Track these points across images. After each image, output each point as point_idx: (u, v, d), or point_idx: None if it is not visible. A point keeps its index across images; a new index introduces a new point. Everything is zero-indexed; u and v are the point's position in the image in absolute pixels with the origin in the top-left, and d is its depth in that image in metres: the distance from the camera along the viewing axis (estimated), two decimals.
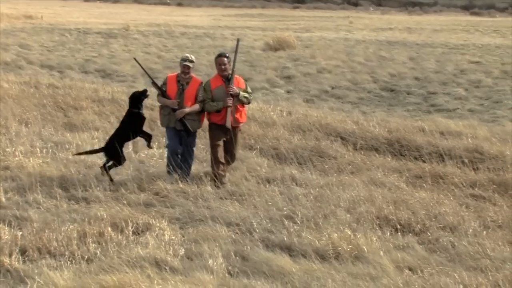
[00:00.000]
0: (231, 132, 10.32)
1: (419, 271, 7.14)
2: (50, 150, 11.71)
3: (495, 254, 7.57)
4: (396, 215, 8.61)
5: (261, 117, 14.28)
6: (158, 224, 8.33)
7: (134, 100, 10.49)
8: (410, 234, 8.27)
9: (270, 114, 14.65)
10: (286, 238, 7.93)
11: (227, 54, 10.46)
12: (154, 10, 74.68)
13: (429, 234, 8.26)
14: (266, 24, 53.12)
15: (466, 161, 11.34)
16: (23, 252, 7.50)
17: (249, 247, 7.71)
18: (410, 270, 7.19)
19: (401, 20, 62.43)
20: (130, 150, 11.80)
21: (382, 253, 7.50)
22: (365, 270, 7.10)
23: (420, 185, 10.26)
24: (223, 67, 10.31)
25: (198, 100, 10.35)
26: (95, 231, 7.97)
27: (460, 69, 25.66)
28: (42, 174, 10.28)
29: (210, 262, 7.21)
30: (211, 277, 6.82)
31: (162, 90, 10.44)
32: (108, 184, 9.98)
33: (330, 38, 39.54)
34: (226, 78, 10.32)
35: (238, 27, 48.67)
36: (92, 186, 9.79)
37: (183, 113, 10.30)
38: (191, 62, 10.44)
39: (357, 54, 30.17)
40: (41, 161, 10.98)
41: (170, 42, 36.01)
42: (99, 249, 7.61)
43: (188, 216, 8.82)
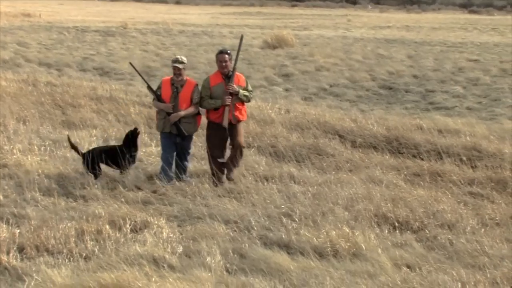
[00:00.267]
0: (230, 130, 10.10)
1: (417, 269, 7.14)
2: (48, 148, 11.70)
3: (493, 251, 7.58)
4: (394, 213, 8.61)
5: (259, 115, 14.27)
6: (156, 221, 8.33)
7: (128, 141, 10.46)
8: (408, 232, 8.27)
9: (268, 112, 14.65)
10: (284, 236, 7.93)
11: (229, 51, 10.20)
12: (152, 8, 74.64)
13: (427, 231, 8.26)
14: (265, 22, 53.10)
15: (464, 159, 11.35)
16: (21, 249, 7.51)
17: (247, 245, 7.71)
18: (408, 267, 7.19)
19: (399, 18, 62.43)
20: None
21: (380, 250, 7.50)
22: (363, 267, 7.10)
23: (418, 183, 10.27)
24: (224, 64, 10.07)
25: (194, 102, 10.14)
26: (93, 229, 7.97)
27: (458, 67, 25.66)
28: (40, 172, 10.27)
29: (208, 259, 7.21)
30: (209, 274, 6.82)
31: (156, 94, 10.21)
32: (106, 182, 9.96)
33: (328, 36, 39.53)
34: (226, 76, 10.10)
35: (236, 25, 48.64)
36: (90, 183, 9.80)
37: (178, 116, 10.08)
38: (181, 63, 10.16)
39: (355, 52, 30.16)
40: (39, 159, 10.98)
41: (168, 40, 35.98)
42: (97, 246, 7.61)
43: (186, 213, 8.81)
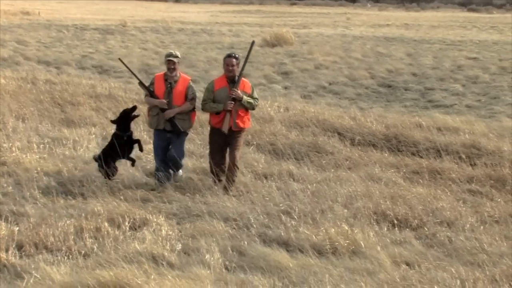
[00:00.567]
0: (230, 138, 9.81)
1: (416, 266, 7.14)
2: (47, 146, 11.70)
3: (492, 249, 7.58)
4: (393, 210, 8.61)
5: (258, 113, 14.26)
6: (155, 219, 8.33)
7: (123, 121, 10.18)
8: (407, 229, 8.27)
9: (267, 110, 14.64)
10: (283, 233, 7.92)
11: (237, 55, 9.91)
12: (151, 7, 74.62)
13: (426, 229, 8.27)
14: (264, 20, 53.09)
15: (464, 156, 11.35)
16: (20, 247, 7.50)
17: (246, 242, 7.70)
18: (407, 265, 7.19)
19: (398, 16, 62.42)
20: None
21: (379, 248, 7.50)
22: (362, 265, 7.10)
23: (417, 180, 10.27)
24: (231, 68, 9.78)
25: (189, 98, 9.96)
26: (92, 227, 7.97)
27: (457, 65, 25.66)
28: (39, 169, 10.27)
29: (207, 257, 7.20)
30: (208, 272, 6.82)
31: (149, 90, 10.00)
32: (105, 180, 9.96)
33: (328, 34, 39.52)
34: (232, 80, 9.81)
35: (236, 23, 48.63)
36: (89, 181, 9.79)
37: (173, 112, 9.89)
38: (176, 57, 9.94)
39: (354, 50, 30.16)
40: (38, 156, 10.98)
41: (168, 38, 35.96)
42: (96, 244, 7.61)
43: (185, 211, 8.81)
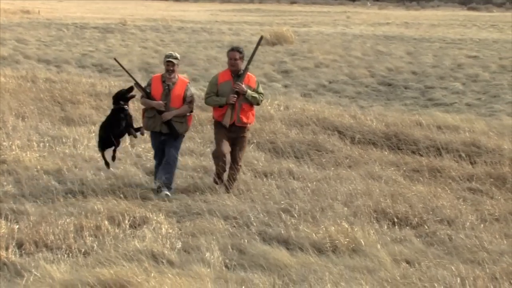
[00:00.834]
0: (234, 133, 9.61)
1: (416, 264, 7.13)
2: (47, 144, 11.70)
3: (492, 247, 7.57)
4: (393, 209, 8.61)
5: (258, 111, 14.19)
6: (155, 217, 8.33)
7: (118, 98, 10.05)
8: (407, 227, 8.27)
9: (267, 108, 14.63)
10: (283, 232, 7.93)
11: (241, 49, 9.69)
12: (151, 5, 74.54)
13: (426, 227, 8.27)
14: (264, 19, 53.05)
15: (463, 155, 11.35)
16: (20, 245, 7.50)
17: (246, 241, 7.70)
18: (407, 263, 7.19)
19: (398, 15, 62.39)
20: (127, 144, 11.80)
21: (379, 246, 7.50)
22: (362, 263, 7.10)
23: (417, 178, 10.26)
24: (233, 62, 9.59)
25: (187, 100, 9.69)
26: (92, 225, 7.97)
27: (457, 63, 25.64)
28: (38, 168, 10.27)
29: (207, 255, 7.20)
30: (208, 270, 6.82)
31: (146, 92, 9.72)
32: (105, 179, 9.95)
33: (328, 32, 39.50)
34: (236, 74, 9.63)
35: (236, 22, 48.60)
36: (88, 179, 9.79)
37: (171, 115, 9.58)
38: (176, 59, 9.68)
39: (354, 48, 30.14)
40: (38, 155, 10.98)
41: (168, 37, 35.95)
42: (96, 242, 7.61)
43: (185, 209, 8.81)
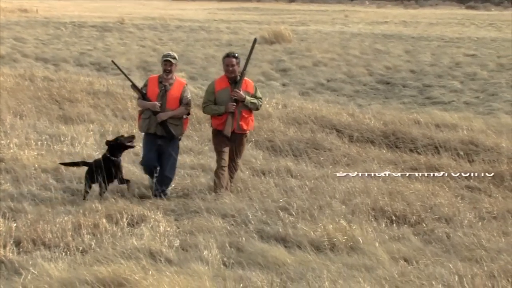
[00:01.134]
0: (234, 141, 9.39)
1: (414, 262, 7.13)
2: (45, 143, 11.68)
3: (490, 245, 7.57)
4: (391, 207, 8.61)
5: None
6: (153, 215, 8.33)
7: (116, 147, 9.29)
8: (405, 225, 8.27)
9: (265, 107, 14.61)
10: (281, 230, 7.91)
11: (236, 54, 9.39)
12: (149, 4, 74.48)
13: (424, 225, 8.27)
14: (262, 17, 53.05)
15: (462, 153, 11.36)
16: (18, 243, 7.49)
17: (244, 239, 7.69)
18: (405, 261, 7.18)
19: (396, 13, 62.39)
20: None
21: (377, 244, 7.49)
22: (360, 261, 7.09)
23: (415, 177, 10.26)
24: (231, 69, 9.28)
25: (184, 102, 9.44)
26: (90, 223, 7.96)
27: (455, 62, 25.66)
28: (36, 166, 10.26)
29: (205, 253, 7.19)
30: (206, 268, 6.81)
31: (142, 93, 9.47)
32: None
33: (326, 31, 39.50)
34: (233, 81, 9.32)
35: (234, 21, 48.58)
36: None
37: (166, 115, 9.34)
38: (174, 58, 9.42)
39: (352, 47, 30.15)
40: (36, 153, 10.96)
41: (165, 36, 35.94)
42: (94, 240, 7.60)
43: (183, 207, 8.81)
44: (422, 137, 12.26)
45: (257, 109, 9.53)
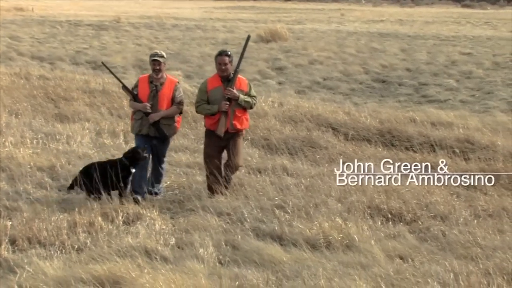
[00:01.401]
0: (227, 141, 9.16)
1: (410, 260, 7.14)
2: (41, 141, 11.67)
3: (486, 242, 7.58)
4: (387, 205, 8.61)
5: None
6: (148, 213, 8.33)
7: (132, 158, 9.03)
8: (401, 223, 8.28)
9: (261, 105, 14.61)
10: (277, 228, 7.92)
11: (229, 52, 9.15)
12: (145, 3, 74.42)
13: (420, 223, 8.27)
14: (258, 16, 53.04)
15: (457, 151, 11.35)
16: (13, 242, 7.49)
17: (240, 237, 7.69)
18: (401, 258, 7.19)
19: (393, 12, 62.43)
20: (121, 141, 11.77)
21: (373, 242, 7.50)
22: (356, 258, 7.10)
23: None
24: (223, 67, 9.04)
25: (176, 101, 9.27)
26: (85, 221, 7.96)
27: (451, 60, 25.69)
28: (32, 164, 10.24)
29: (201, 251, 7.20)
30: (202, 266, 6.82)
31: (133, 94, 9.28)
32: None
33: (322, 30, 39.51)
34: (226, 79, 9.11)
35: (230, 19, 48.56)
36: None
37: (158, 116, 9.17)
38: (162, 57, 9.23)
39: (348, 45, 30.17)
40: (31, 151, 10.94)
41: (162, 34, 35.91)
42: (89, 238, 7.60)
43: (178, 205, 8.81)
44: (418, 135, 12.26)
45: (251, 107, 9.27)
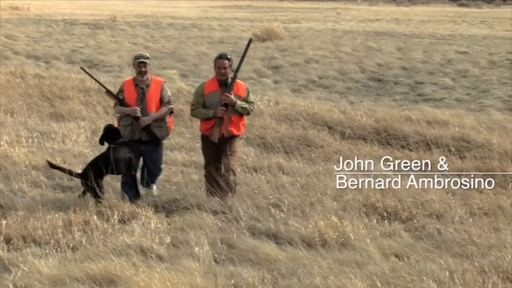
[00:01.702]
0: (223, 146, 8.86)
1: (406, 258, 7.14)
2: (36, 140, 11.65)
3: (481, 240, 7.58)
4: (382, 203, 8.61)
5: None
6: (144, 212, 8.31)
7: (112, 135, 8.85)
8: (397, 222, 8.27)
9: (257, 104, 14.59)
10: (272, 226, 7.91)
11: (229, 56, 8.92)
12: (141, 2, 74.35)
13: (415, 221, 8.28)
14: (254, 15, 53.03)
15: (453, 149, 11.36)
16: (8, 240, 7.48)
17: (235, 235, 7.69)
18: (397, 257, 7.19)
19: (389, 11, 62.48)
20: None
21: (368, 240, 7.49)
22: (351, 257, 7.10)
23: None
24: (223, 71, 8.79)
25: (165, 101, 9.10)
26: (81, 220, 7.95)
27: (447, 59, 25.70)
28: (27, 163, 10.23)
29: (196, 250, 7.19)
30: (197, 264, 6.80)
31: (119, 99, 9.04)
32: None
33: (318, 29, 39.51)
34: (224, 83, 8.85)
35: (226, 18, 48.55)
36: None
37: (150, 119, 8.98)
38: (147, 59, 9.06)
39: (344, 44, 30.16)
40: (26, 150, 10.92)
41: (157, 33, 35.88)
42: (85, 237, 7.59)
43: (174, 204, 8.78)
44: (414, 133, 12.27)
45: (248, 114, 8.99)
